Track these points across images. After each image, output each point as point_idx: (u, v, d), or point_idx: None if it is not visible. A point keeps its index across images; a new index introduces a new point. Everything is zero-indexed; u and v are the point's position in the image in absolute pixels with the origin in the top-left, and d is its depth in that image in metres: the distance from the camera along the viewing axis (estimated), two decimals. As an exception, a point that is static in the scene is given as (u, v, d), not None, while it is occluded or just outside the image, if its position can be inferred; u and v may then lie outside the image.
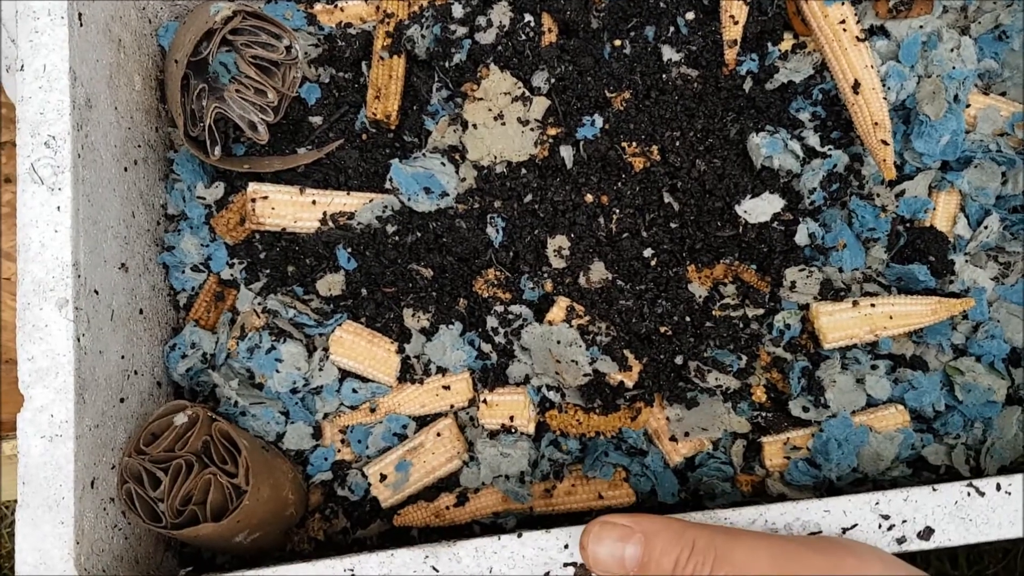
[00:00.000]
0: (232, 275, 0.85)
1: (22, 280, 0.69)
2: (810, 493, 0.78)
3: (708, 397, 0.80)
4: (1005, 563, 1.31)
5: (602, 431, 0.81)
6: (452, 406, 0.83)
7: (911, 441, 0.78)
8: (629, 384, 0.81)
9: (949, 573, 1.27)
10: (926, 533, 0.65)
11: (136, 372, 0.79)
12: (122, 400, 0.76)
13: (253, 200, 0.83)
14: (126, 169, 0.81)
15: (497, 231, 0.85)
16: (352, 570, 0.66)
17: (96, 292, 0.73)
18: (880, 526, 0.65)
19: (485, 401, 0.82)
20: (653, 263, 0.83)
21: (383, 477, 0.80)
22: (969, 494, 0.65)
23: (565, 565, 0.66)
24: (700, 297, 0.83)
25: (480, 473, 0.81)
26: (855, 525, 0.65)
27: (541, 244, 0.85)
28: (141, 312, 0.81)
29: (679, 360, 0.81)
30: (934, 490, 0.65)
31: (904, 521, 0.65)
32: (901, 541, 0.65)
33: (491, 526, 0.81)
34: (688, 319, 0.82)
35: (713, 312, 0.82)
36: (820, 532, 0.65)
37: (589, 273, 0.84)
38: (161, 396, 0.83)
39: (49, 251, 0.70)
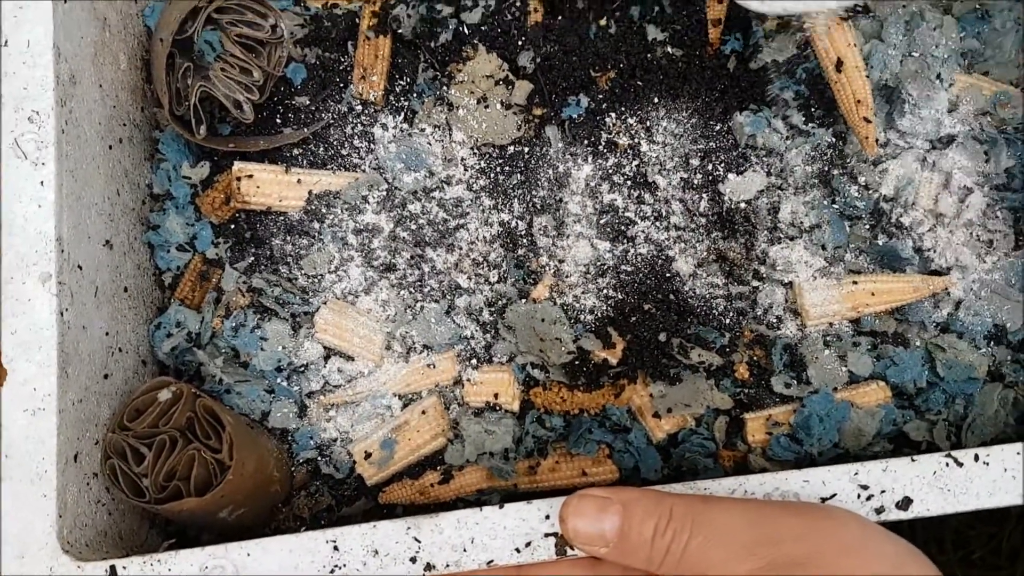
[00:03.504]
0: (217, 254, 0.85)
1: (5, 254, 0.69)
2: (792, 468, 0.78)
3: (691, 374, 0.80)
4: (991, 546, 1.31)
5: (586, 408, 0.82)
6: (437, 384, 0.83)
7: (892, 417, 0.78)
8: (613, 361, 0.81)
9: (935, 556, 1.27)
10: (904, 503, 0.65)
11: (120, 349, 0.79)
12: (106, 376, 0.76)
13: (238, 179, 0.84)
14: (111, 147, 0.81)
15: (482, 209, 0.85)
16: (335, 542, 0.66)
17: (80, 267, 0.73)
18: (859, 496, 0.65)
19: (470, 379, 0.83)
20: (637, 241, 0.84)
21: (368, 455, 0.80)
22: (948, 465, 0.66)
23: (546, 535, 0.66)
24: (684, 274, 0.83)
25: (465, 451, 0.81)
26: (834, 495, 0.65)
27: (527, 223, 0.85)
28: (126, 290, 0.81)
29: (662, 337, 0.81)
30: (913, 461, 0.66)
31: (883, 491, 0.65)
32: (880, 511, 0.65)
33: (476, 503, 0.82)
34: (672, 296, 0.82)
35: (696, 289, 0.82)
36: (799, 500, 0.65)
37: (573, 251, 0.84)
38: (146, 374, 0.83)
39: (32, 225, 0.70)
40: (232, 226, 0.86)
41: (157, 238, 0.86)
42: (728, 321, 0.82)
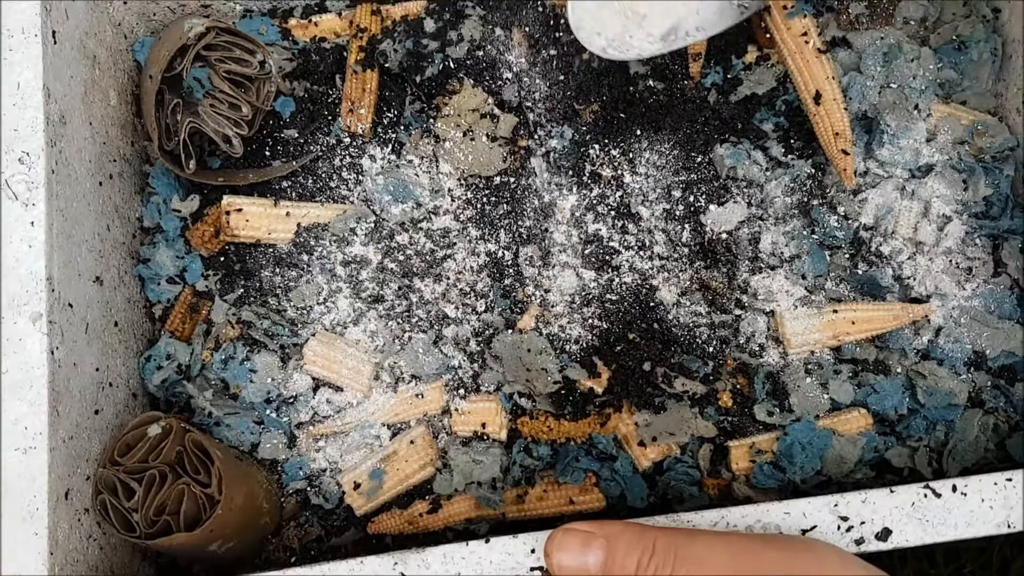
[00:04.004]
0: (207, 286, 0.86)
1: (-4, 294, 0.70)
2: (775, 496, 0.79)
3: (675, 403, 0.81)
4: (981, 560, 1.32)
5: (572, 437, 0.83)
6: (425, 414, 0.84)
7: (874, 444, 0.79)
8: (598, 390, 0.82)
9: (927, 571, 1.28)
10: (884, 534, 0.66)
11: (111, 384, 0.80)
12: (97, 412, 0.77)
13: (227, 212, 0.85)
14: (101, 183, 0.82)
15: (469, 240, 0.87)
16: (323, 577, 0.67)
17: (71, 305, 0.74)
18: (839, 527, 0.66)
19: (457, 409, 0.83)
20: (622, 270, 0.85)
21: (357, 485, 0.81)
22: (926, 496, 0.67)
23: (532, 569, 0.67)
24: (668, 303, 0.84)
25: (453, 480, 0.82)
26: (815, 527, 0.66)
27: (513, 253, 0.86)
28: (116, 324, 0.82)
29: (647, 366, 0.82)
30: (891, 492, 0.67)
31: (862, 522, 0.66)
32: (860, 542, 0.66)
33: (464, 532, 0.83)
34: (656, 325, 0.83)
35: (680, 318, 0.84)
36: (780, 533, 0.66)
37: (559, 281, 0.85)
38: (137, 407, 0.84)
39: (23, 266, 0.70)
40: (222, 258, 0.87)
41: (147, 271, 0.87)
42: (711, 349, 0.83)
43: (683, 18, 0.73)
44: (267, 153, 0.90)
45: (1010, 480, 0.67)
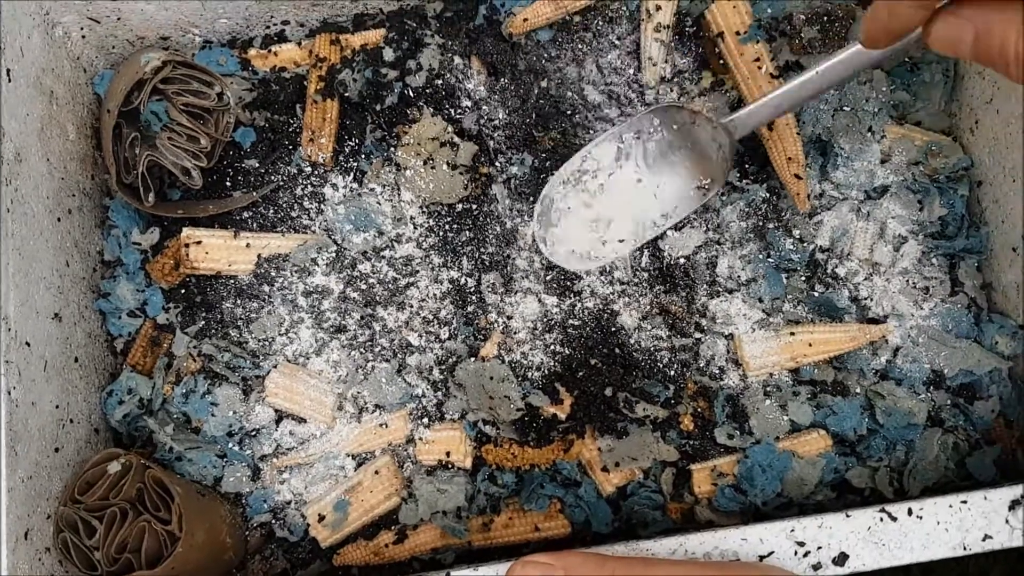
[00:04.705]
0: (168, 319, 0.86)
1: (-50, 335, 0.70)
2: (737, 519, 0.80)
3: (637, 427, 0.82)
4: (959, 571, 1.33)
5: (537, 464, 0.83)
6: (390, 443, 0.84)
7: (834, 465, 0.80)
8: (561, 416, 0.83)
9: (900, 585, 1.29)
10: (841, 559, 0.67)
11: (72, 420, 0.80)
12: (57, 450, 0.76)
13: (187, 245, 0.85)
14: (59, 219, 0.82)
15: (432, 267, 0.87)
16: (283, 613, 0.67)
17: (28, 344, 0.74)
18: (796, 553, 0.67)
19: (422, 438, 0.84)
20: (583, 295, 0.85)
21: (321, 517, 0.81)
22: (882, 519, 0.67)
23: (492, 601, 0.67)
24: (629, 328, 0.85)
25: (418, 510, 0.82)
26: (772, 553, 0.67)
27: (475, 280, 0.86)
28: (76, 360, 0.82)
29: (609, 391, 0.82)
30: (847, 516, 0.67)
31: (819, 547, 0.67)
32: (817, 567, 0.66)
33: (430, 562, 0.83)
34: (617, 350, 0.84)
35: (641, 342, 0.84)
36: (738, 559, 0.66)
37: (521, 307, 0.85)
38: (99, 443, 0.84)
39: (-23, 306, 0.70)
40: (182, 291, 0.87)
41: (108, 305, 0.87)
42: (672, 373, 0.84)
43: (646, 212, 0.77)
44: (228, 184, 0.90)
45: (965, 502, 0.68)
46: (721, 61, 0.86)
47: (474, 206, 0.88)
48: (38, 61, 0.82)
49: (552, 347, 0.85)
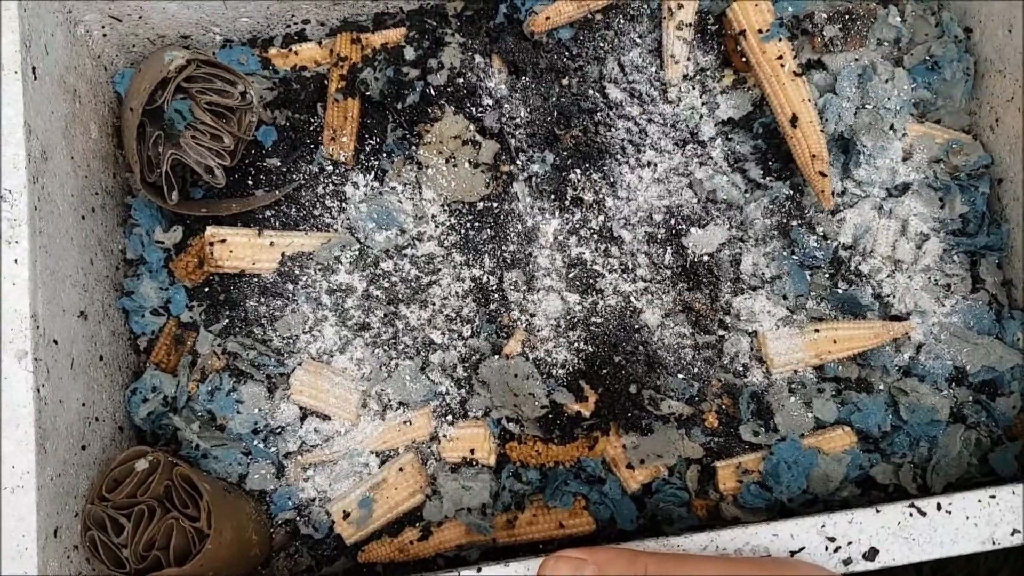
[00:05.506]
0: (192, 318, 0.86)
1: (-20, 333, 0.70)
2: (763, 515, 0.80)
3: (662, 424, 0.82)
4: (969, 570, 1.33)
5: (561, 461, 0.83)
6: (414, 441, 0.85)
7: (859, 462, 0.80)
8: (586, 414, 0.83)
9: (912, 583, 1.29)
10: (871, 554, 0.67)
11: (97, 419, 0.80)
12: (84, 447, 0.76)
13: (211, 243, 0.85)
14: (83, 217, 0.82)
15: (454, 265, 0.87)
16: (314, 610, 0.67)
17: (55, 342, 0.74)
18: (827, 548, 0.67)
19: (446, 435, 0.84)
20: (606, 293, 0.86)
21: (346, 514, 0.81)
22: (911, 515, 0.68)
23: (523, 597, 0.67)
24: (652, 325, 0.85)
25: (443, 507, 0.82)
26: (803, 548, 0.67)
27: (497, 277, 0.87)
28: (101, 358, 0.82)
29: (633, 389, 0.83)
30: (877, 512, 0.67)
31: (849, 543, 0.67)
32: (847, 562, 0.67)
33: (455, 559, 0.83)
34: (641, 348, 0.84)
35: (665, 340, 0.84)
36: (769, 555, 0.67)
37: (544, 305, 0.86)
38: (123, 441, 0.84)
39: (7, 303, 0.70)
40: (206, 289, 0.87)
41: (131, 303, 0.87)
42: (696, 370, 0.84)
43: None
44: (250, 182, 0.90)
45: (993, 497, 0.68)
46: (743, 59, 0.86)
47: (495, 204, 0.88)
48: (61, 59, 0.82)
49: (576, 344, 0.85)
